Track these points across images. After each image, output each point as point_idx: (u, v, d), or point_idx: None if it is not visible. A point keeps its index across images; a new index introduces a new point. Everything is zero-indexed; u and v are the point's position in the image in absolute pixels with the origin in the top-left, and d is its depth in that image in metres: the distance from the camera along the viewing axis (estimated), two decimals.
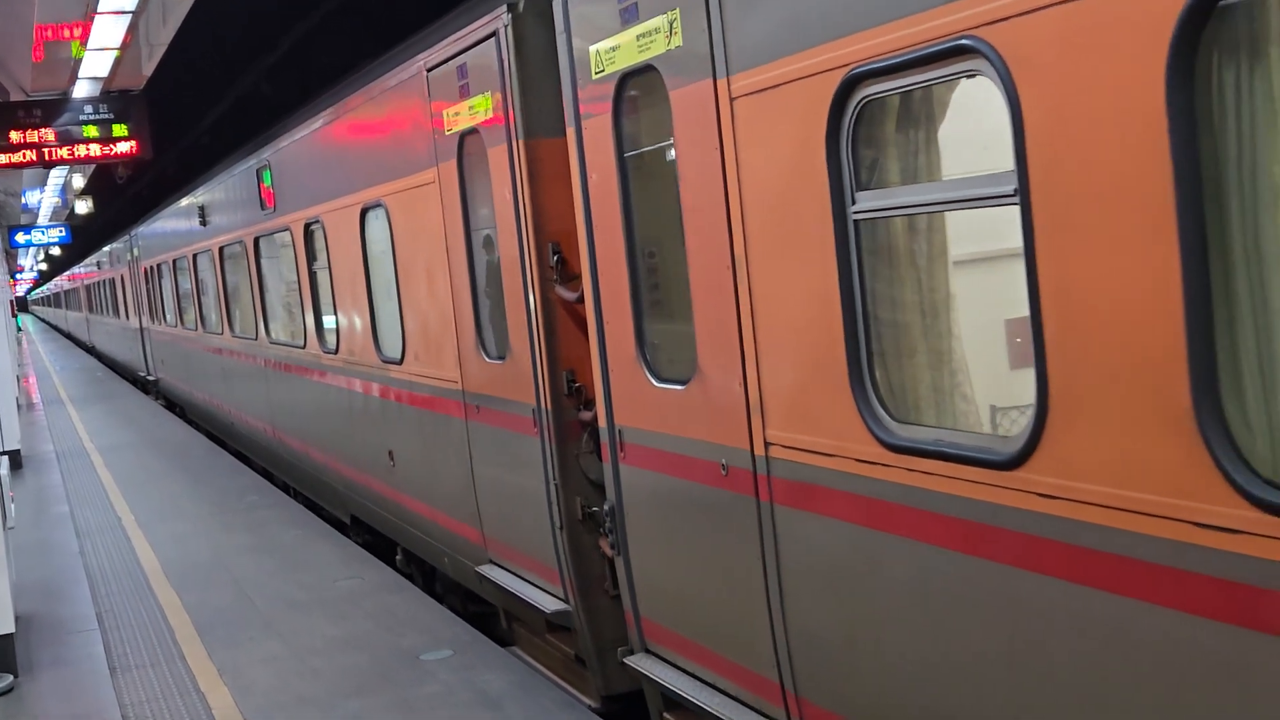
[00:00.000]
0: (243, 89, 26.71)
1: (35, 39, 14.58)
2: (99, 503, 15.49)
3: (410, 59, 8.78)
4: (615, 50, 6.03)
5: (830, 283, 4.70)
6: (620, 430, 6.51)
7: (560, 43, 6.59)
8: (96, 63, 15.67)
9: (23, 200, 35.55)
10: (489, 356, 8.05)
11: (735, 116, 5.15)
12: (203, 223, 18.42)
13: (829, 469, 4.87)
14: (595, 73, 6.26)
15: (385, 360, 10.22)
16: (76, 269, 56.78)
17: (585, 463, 7.16)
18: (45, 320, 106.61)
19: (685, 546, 6.05)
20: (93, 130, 17.34)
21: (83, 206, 35.57)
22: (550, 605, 7.47)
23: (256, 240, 14.87)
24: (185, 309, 21.90)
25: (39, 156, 17.03)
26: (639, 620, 6.63)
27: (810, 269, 4.81)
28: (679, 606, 6.22)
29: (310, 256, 12.35)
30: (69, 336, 69.69)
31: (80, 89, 17.27)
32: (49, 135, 17.09)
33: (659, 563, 6.36)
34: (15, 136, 16.88)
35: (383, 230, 9.77)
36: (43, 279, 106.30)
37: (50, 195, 36.07)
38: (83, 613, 10.11)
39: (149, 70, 17.26)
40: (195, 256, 19.65)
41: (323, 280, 12.00)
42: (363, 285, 10.61)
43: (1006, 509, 4.03)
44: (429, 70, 8.36)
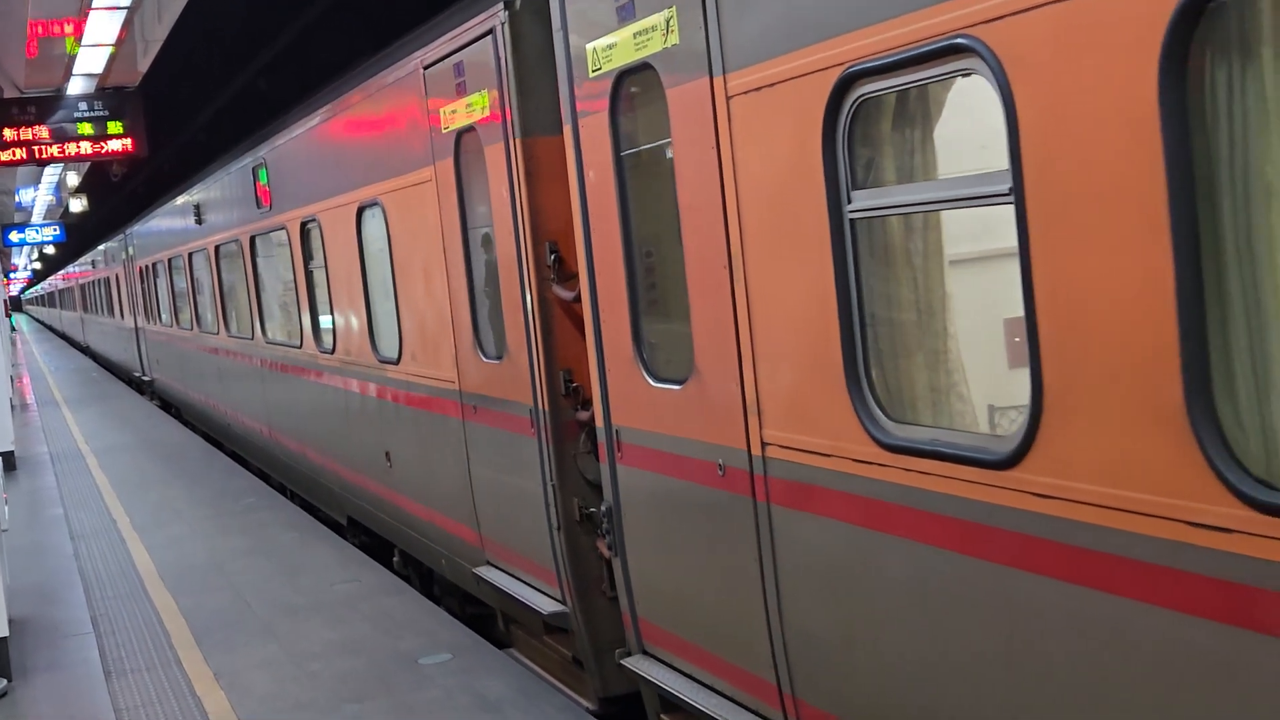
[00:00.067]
0: (239, 86, 26.68)
1: (29, 35, 14.53)
2: (94, 505, 15.42)
3: (407, 56, 8.76)
4: (612, 48, 6.03)
5: (826, 282, 4.70)
6: (617, 430, 6.50)
7: (557, 40, 6.58)
8: (91, 59, 15.60)
9: (16, 198, 35.52)
10: (486, 356, 8.04)
11: (732, 115, 5.15)
12: (198, 221, 18.34)
13: (826, 469, 4.87)
14: (592, 70, 6.25)
15: (382, 360, 10.19)
16: (71, 268, 56.68)
17: (583, 463, 7.14)
18: (39, 320, 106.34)
19: (682, 547, 6.05)
20: (87, 127, 17.26)
21: (77, 205, 35.50)
22: (547, 607, 7.46)
23: (252, 239, 14.82)
24: (181, 308, 21.82)
25: (30, 154, 16.95)
26: (636, 621, 6.63)
27: (807, 268, 4.81)
28: (676, 607, 6.22)
29: (306, 255, 12.31)
30: (63, 336, 69.53)
31: (74, 85, 17.17)
32: (42, 132, 17.00)
33: (656, 564, 6.35)
34: (8, 134, 16.79)
35: (379, 229, 9.75)
36: (37, 278, 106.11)
37: (44, 193, 36.04)
38: (77, 616, 10.06)
39: (144, 67, 17.20)
40: (191, 255, 19.58)
41: (319, 279, 11.96)
42: (359, 284, 10.58)
43: (1002, 509, 4.03)
44: (426, 68, 8.34)
